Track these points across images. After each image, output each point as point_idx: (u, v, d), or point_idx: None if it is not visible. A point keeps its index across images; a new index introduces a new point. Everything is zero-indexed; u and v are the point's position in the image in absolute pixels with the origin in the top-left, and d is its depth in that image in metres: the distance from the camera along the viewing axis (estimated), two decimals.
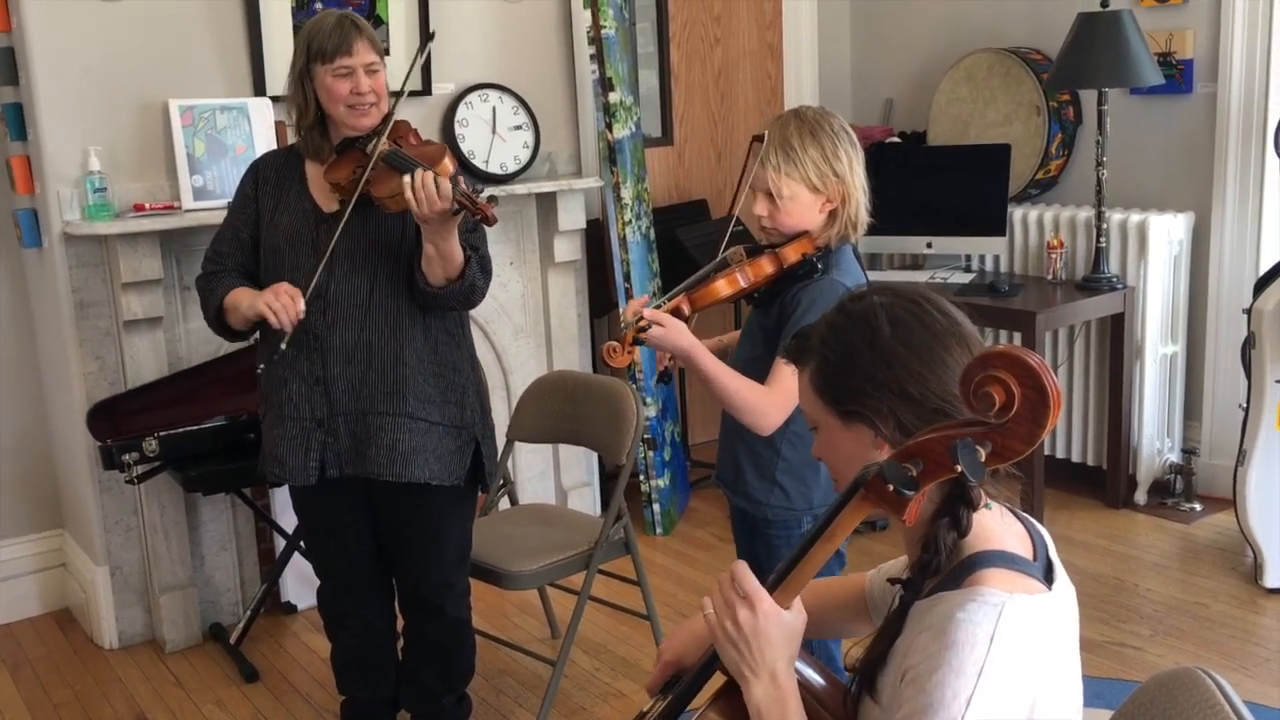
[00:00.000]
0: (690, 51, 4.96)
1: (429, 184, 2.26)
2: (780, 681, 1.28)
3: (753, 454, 2.24)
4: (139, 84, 3.39)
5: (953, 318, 1.35)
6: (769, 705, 1.28)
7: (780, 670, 1.28)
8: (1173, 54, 4.09)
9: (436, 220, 2.30)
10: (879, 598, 1.58)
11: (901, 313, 1.34)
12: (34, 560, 3.81)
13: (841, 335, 1.36)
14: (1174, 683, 1.35)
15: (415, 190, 2.27)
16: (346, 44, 2.40)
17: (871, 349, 1.32)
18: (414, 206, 2.28)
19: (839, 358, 1.35)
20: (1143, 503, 4.21)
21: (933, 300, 1.36)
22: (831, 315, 1.40)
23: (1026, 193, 4.50)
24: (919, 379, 1.30)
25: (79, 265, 3.35)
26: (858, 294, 1.41)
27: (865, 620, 1.60)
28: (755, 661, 1.28)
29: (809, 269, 2.16)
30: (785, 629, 1.29)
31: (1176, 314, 4.20)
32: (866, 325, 1.34)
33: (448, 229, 2.34)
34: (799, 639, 1.31)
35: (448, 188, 2.26)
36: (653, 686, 1.56)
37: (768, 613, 1.28)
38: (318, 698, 3.22)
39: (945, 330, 1.33)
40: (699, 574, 3.89)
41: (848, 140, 2.18)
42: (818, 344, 1.38)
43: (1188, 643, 3.26)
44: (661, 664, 1.56)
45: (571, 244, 4.12)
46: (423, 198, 2.26)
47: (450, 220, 2.32)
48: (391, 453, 2.48)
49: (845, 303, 1.40)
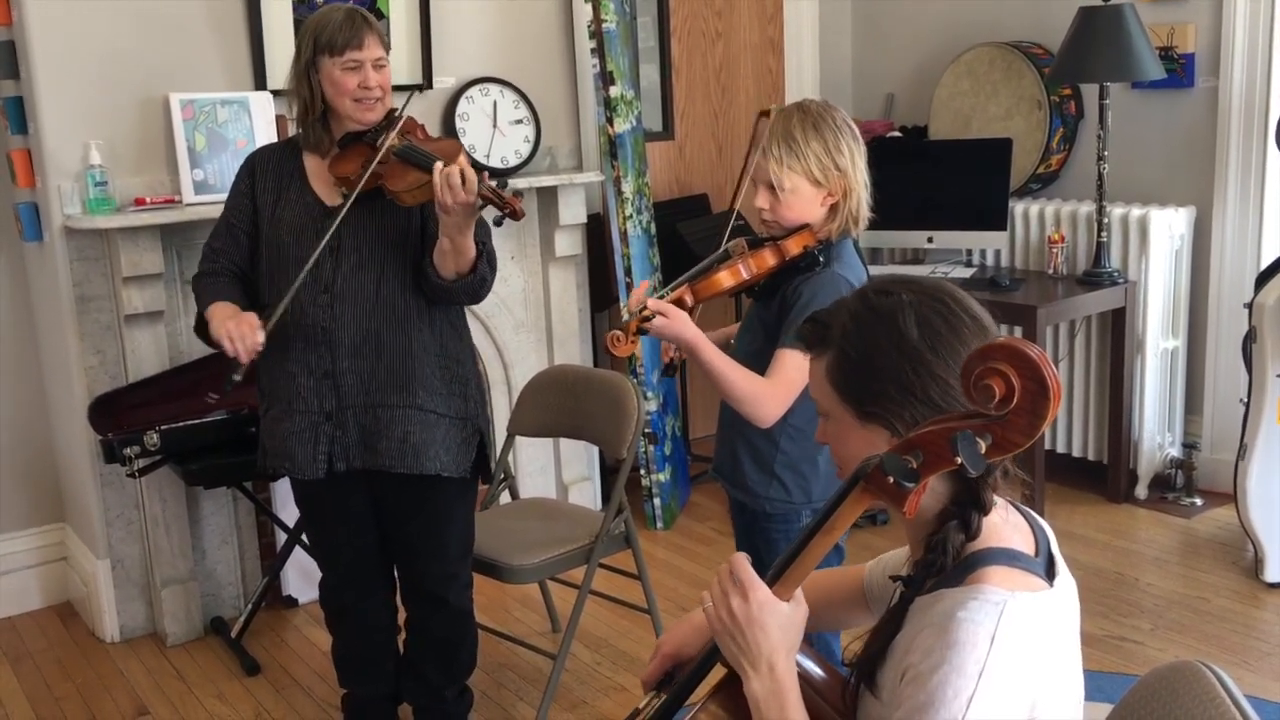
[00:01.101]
0: (691, 46, 4.95)
1: (455, 176, 2.26)
2: (779, 674, 1.28)
3: (752, 447, 2.24)
4: (140, 78, 3.39)
5: (979, 320, 1.31)
6: (767, 698, 1.27)
7: (779, 662, 1.28)
8: (1174, 48, 4.09)
9: (460, 214, 2.30)
10: (878, 590, 1.57)
11: (929, 314, 1.29)
12: (35, 554, 3.81)
13: (866, 332, 1.31)
14: (1175, 676, 1.35)
15: (448, 182, 2.26)
16: (357, 38, 2.40)
17: (898, 352, 1.28)
18: (440, 198, 2.28)
19: (861, 355, 1.30)
20: (1143, 497, 4.21)
21: (958, 298, 1.32)
22: (855, 306, 1.34)
23: (1028, 187, 4.49)
24: (943, 385, 1.27)
25: (80, 259, 3.35)
26: (882, 287, 1.34)
27: (864, 612, 1.60)
28: (752, 652, 1.28)
29: (810, 262, 2.16)
30: (782, 619, 1.29)
31: (1178, 308, 4.20)
32: (893, 325, 1.29)
33: (468, 223, 2.34)
34: (798, 632, 1.31)
35: (474, 181, 2.26)
36: (650, 679, 1.56)
37: (763, 602, 1.28)
38: (319, 691, 3.22)
39: (972, 333, 1.29)
40: (700, 568, 3.90)
41: (850, 134, 2.18)
42: (838, 336, 1.33)
43: (1188, 637, 3.26)
44: (660, 656, 1.56)
45: (572, 238, 4.12)
46: (453, 190, 2.26)
47: (473, 214, 2.33)
48: (403, 445, 2.49)
49: (870, 295, 1.34)
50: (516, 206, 2.30)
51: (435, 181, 2.28)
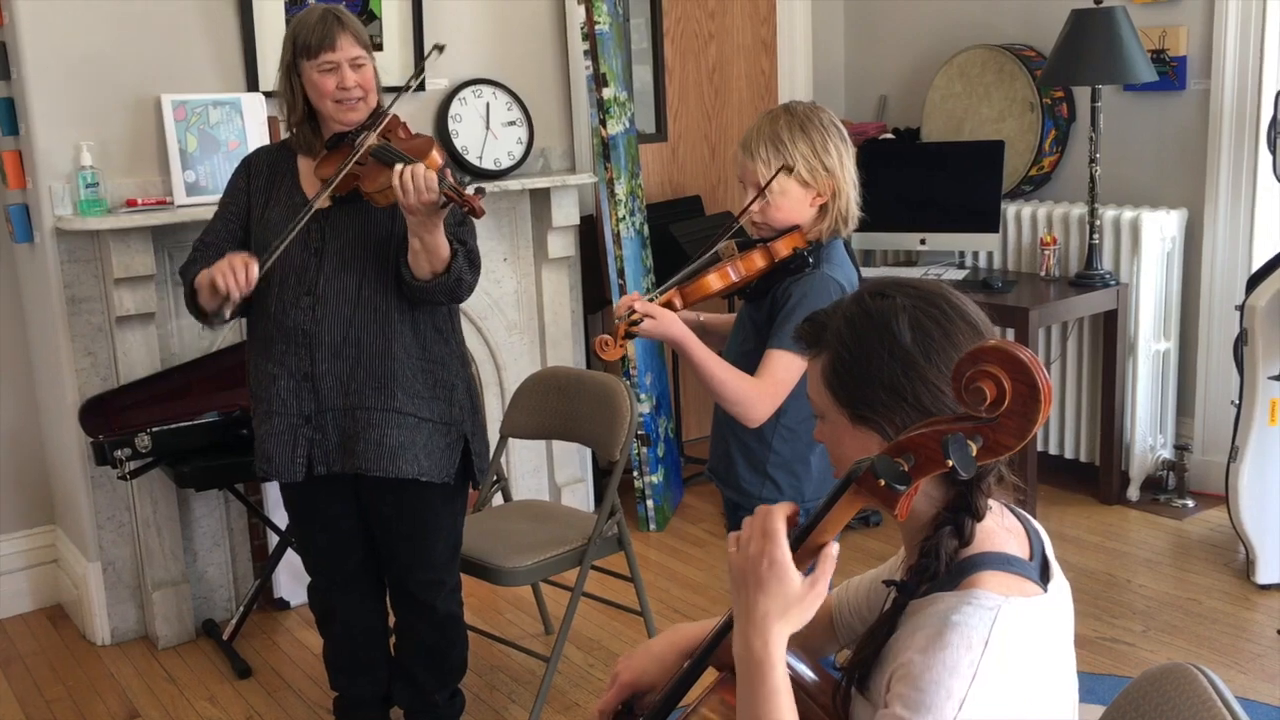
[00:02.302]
0: (684, 47, 4.95)
1: (416, 177, 2.25)
2: (770, 644, 1.22)
3: (744, 447, 2.24)
4: (131, 79, 3.38)
5: (974, 324, 1.30)
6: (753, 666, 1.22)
7: (772, 629, 1.22)
8: (1166, 51, 4.09)
9: (423, 212, 2.29)
10: (848, 616, 1.56)
11: (923, 318, 1.28)
12: (26, 556, 3.80)
13: (860, 334, 1.30)
14: (1166, 678, 1.35)
15: (403, 183, 2.26)
16: (330, 39, 2.39)
17: (890, 356, 1.28)
18: (400, 198, 2.27)
19: (855, 359, 1.30)
20: (1135, 499, 4.22)
21: (954, 303, 1.31)
22: (850, 308, 1.33)
23: (1020, 189, 4.50)
24: (934, 391, 1.26)
25: (71, 260, 3.34)
26: (878, 289, 1.33)
27: (832, 641, 1.58)
28: (750, 609, 1.23)
29: (800, 263, 2.16)
30: (787, 589, 1.22)
31: (1169, 310, 4.20)
32: (887, 329, 1.29)
33: (434, 222, 2.33)
34: (802, 611, 1.23)
35: (434, 180, 2.25)
36: (606, 708, 1.50)
37: (776, 561, 1.22)
38: (310, 694, 3.21)
39: (967, 339, 1.28)
40: (693, 570, 3.89)
41: (838, 135, 2.18)
42: (833, 339, 1.33)
43: (1180, 638, 3.27)
44: (618, 685, 1.51)
45: (565, 240, 4.12)
46: (409, 190, 2.25)
47: (437, 213, 2.31)
48: (379, 448, 2.47)
49: (865, 298, 1.33)
50: (476, 205, 2.28)
51: (393, 184, 2.27)
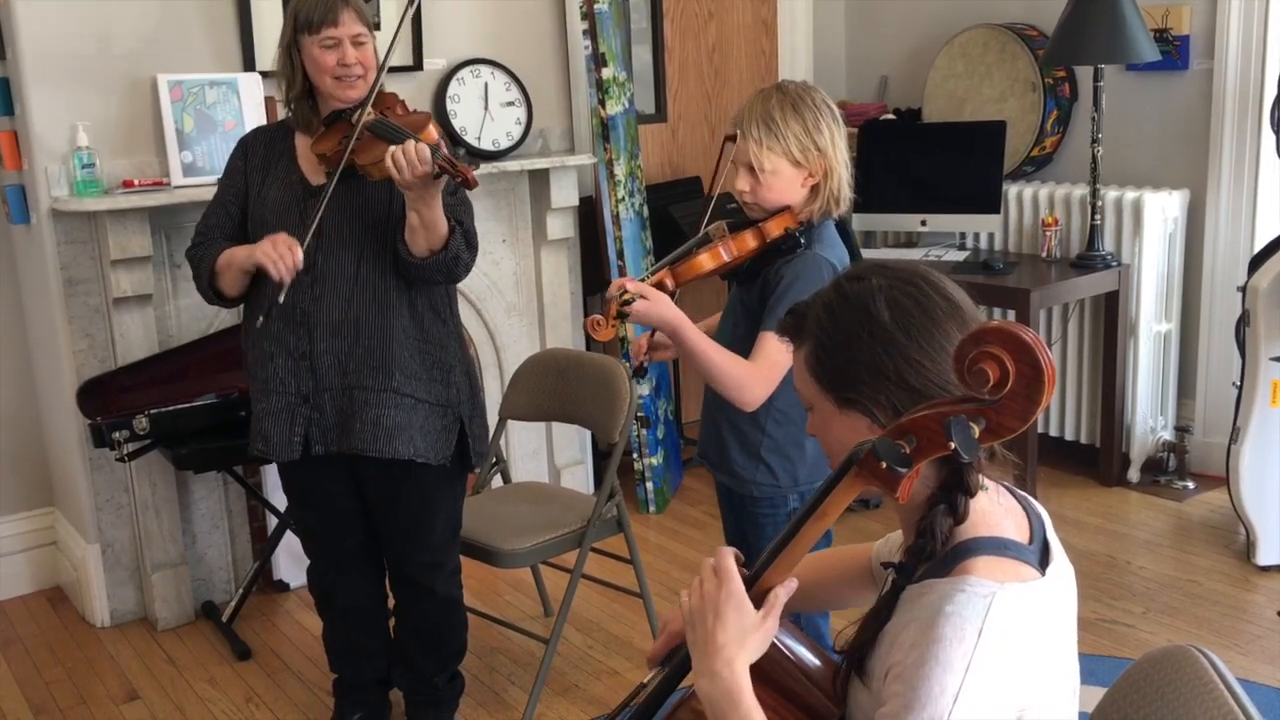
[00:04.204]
0: (684, 27, 4.92)
1: (409, 149, 2.25)
2: (735, 673, 1.25)
3: (738, 431, 2.23)
4: (127, 59, 3.36)
5: (953, 300, 1.30)
6: (718, 699, 1.26)
7: (735, 661, 1.26)
8: (1169, 30, 4.07)
9: (419, 185, 2.28)
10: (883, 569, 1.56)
11: (900, 296, 1.29)
12: (25, 538, 3.80)
13: (838, 318, 1.31)
14: (1167, 660, 1.35)
15: (397, 161, 2.25)
16: (332, 15, 2.39)
17: (869, 336, 1.28)
18: (394, 174, 2.27)
19: (835, 343, 1.31)
20: (1136, 480, 4.22)
21: (932, 281, 1.31)
22: (828, 295, 1.34)
23: (1021, 170, 4.48)
24: (918, 367, 1.26)
25: (68, 242, 3.32)
26: (855, 273, 1.35)
27: (871, 589, 1.57)
28: (711, 642, 1.27)
29: (792, 244, 2.15)
30: (746, 622, 1.27)
31: (1171, 291, 4.19)
32: (864, 310, 1.29)
33: (431, 195, 2.32)
34: (759, 643, 1.28)
35: (427, 152, 2.25)
36: (655, 655, 1.54)
37: (732, 594, 1.27)
38: (310, 676, 3.21)
39: (945, 315, 1.28)
40: (692, 552, 3.89)
41: (830, 114, 2.16)
42: (814, 325, 1.33)
43: (1180, 620, 3.27)
44: (667, 634, 1.53)
45: (564, 221, 4.10)
46: (403, 163, 2.25)
47: (433, 186, 2.31)
48: (375, 428, 2.47)
49: (842, 282, 1.34)
50: (469, 175, 2.27)
51: (387, 163, 2.27)
